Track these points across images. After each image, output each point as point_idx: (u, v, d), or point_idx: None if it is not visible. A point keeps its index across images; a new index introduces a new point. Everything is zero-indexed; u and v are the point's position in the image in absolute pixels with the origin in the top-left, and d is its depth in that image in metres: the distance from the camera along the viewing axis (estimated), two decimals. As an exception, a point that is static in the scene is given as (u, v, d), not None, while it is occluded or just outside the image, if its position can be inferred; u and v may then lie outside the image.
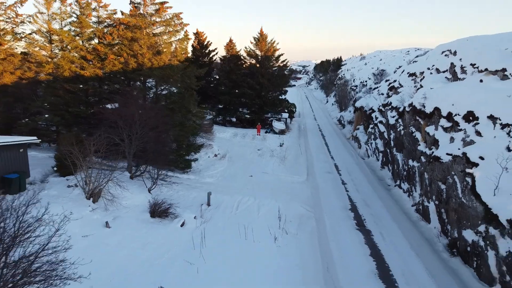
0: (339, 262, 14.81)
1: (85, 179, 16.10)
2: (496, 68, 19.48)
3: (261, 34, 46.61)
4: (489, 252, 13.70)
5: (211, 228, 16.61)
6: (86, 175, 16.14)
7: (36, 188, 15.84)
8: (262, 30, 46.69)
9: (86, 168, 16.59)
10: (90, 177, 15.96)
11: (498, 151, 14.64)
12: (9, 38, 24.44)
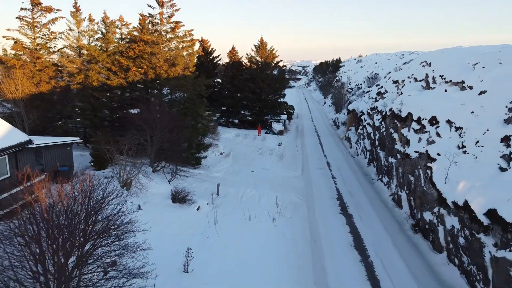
0: (324, 237, 18.65)
1: (120, 171, 19.93)
2: (457, 80, 23.33)
3: (261, 42, 50.48)
4: (439, 227, 17.58)
5: (221, 212, 20.44)
6: (120, 169, 19.97)
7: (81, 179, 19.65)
8: (262, 39, 50.57)
9: (120, 163, 20.43)
10: (124, 170, 19.78)
11: (451, 149, 18.50)
12: (43, 52, 28.27)
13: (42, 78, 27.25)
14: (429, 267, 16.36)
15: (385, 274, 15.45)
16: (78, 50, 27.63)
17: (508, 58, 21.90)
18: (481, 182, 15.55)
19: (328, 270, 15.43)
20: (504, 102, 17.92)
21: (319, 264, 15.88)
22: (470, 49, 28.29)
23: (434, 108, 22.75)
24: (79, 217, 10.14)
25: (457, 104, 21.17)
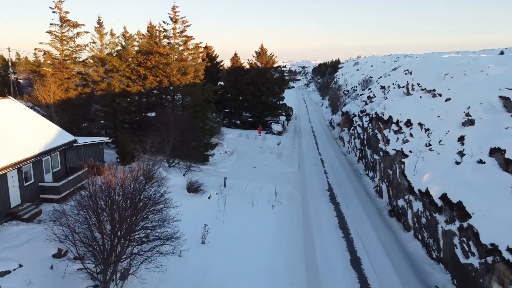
0: (314, 220, 22.50)
1: (144, 166, 23.74)
2: (430, 88, 27.16)
3: (262, 49, 54.35)
4: (408, 211, 21.43)
5: (229, 200, 24.27)
6: (144, 164, 23.79)
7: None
8: (262, 46, 54.46)
9: (143, 158, 24.26)
10: (148, 164, 23.61)
11: (420, 147, 22.35)
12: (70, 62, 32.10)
13: (69, 85, 31.09)
14: (398, 243, 20.22)
15: (362, 247, 19.29)
16: (101, 61, 31.41)
17: (472, 70, 25.71)
18: (440, 173, 19.38)
19: (316, 243, 19.28)
20: (463, 108, 21.74)
21: (309, 239, 19.74)
22: (445, 60, 32.15)
23: (410, 112, 26.60)
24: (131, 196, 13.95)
25: (427, 109, 25.01)
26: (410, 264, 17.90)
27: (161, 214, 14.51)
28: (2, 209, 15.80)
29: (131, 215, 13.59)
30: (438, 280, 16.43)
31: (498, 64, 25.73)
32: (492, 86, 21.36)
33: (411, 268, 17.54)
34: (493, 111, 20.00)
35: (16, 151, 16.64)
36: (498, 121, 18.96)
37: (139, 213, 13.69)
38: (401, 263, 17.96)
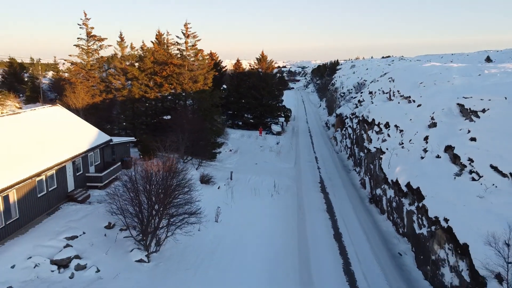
0: (306, 206, 27.08)
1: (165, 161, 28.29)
2: (407, 95, 31.73)
3: (262, 55, 58.98)
4: (384, 197, 26.01)
5: (235, 190, 28.84)
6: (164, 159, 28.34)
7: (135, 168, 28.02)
8: (263, 52, 59.11)
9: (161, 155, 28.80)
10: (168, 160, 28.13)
11: (395, 145, 26.93)
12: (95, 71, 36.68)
13: (95, 92, 35.67)
14: (374, 223, 24.80)
15: (344, 226, 23.87)
16: (122, 70, 35.94)
17: (441, 80, 30.29)
18: (408, 166, 23.96)
19: (306, 222, 23.88)
20: (429, 113, 26.30)
21: (301, 219, 24.34)
22: (423, 69, 36.68)
23: (389, 115, 31.19)
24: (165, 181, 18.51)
25: (403, 113, 29.59)
26: (381, 238, 22.50)
27: (187, 195, 19.09)
28: (63, 193, 20.41)
29: (165, 195, 18.17)
30: (402, 248, 21.02)
31: (463, 75, 30.26)
32: (453, 95, 25.98)
33: (382, 241, 22.13)
34: (452, 115, 24.60)
35: (71, 148, 21.23)
36: (454, 124, 23.56)
37: (172, 194, 18.27)
38: (374, 237, 22.55)
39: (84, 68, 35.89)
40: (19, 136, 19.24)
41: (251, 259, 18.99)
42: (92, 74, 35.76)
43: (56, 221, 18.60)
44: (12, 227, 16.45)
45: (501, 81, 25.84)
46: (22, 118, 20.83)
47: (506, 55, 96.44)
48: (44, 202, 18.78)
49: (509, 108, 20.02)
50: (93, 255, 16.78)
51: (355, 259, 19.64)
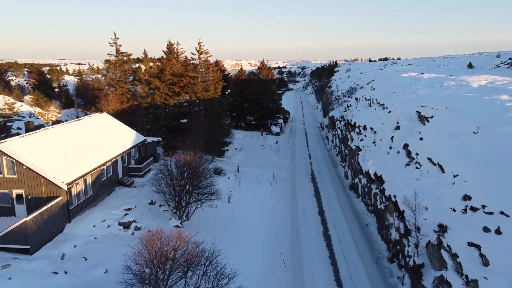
0: (299, 192, 34.01)
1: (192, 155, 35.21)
2: (382, 103, 38.61)
3: (263, 64, 65.94)
4: (359, 185, 32.94)
5: (242, 180, 35.74)
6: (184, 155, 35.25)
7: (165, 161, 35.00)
8: (263, 61, 66.05)
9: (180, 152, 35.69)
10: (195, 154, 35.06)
11: (369, 143, 33.84)
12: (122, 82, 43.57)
13: (123, 99, 42.56)
14: (351, 204, 31.72)
15: (327, 205, 30.78)
16: (146, 81, 42.80)
17: (409, 90, 37.12)
18: (377, 160, 30.85)
19: (298, 204, 30.82)
20: (396, 118, 33.16)
21: (294, 201, 31.29)
22: (399, 79, 43.50)
23: (367, 119, 38.09)
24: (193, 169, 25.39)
25: (377, 117, 36.48)
26: (354, 214, 29.44)
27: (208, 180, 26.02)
28: (115, 179, 27.35)
29: (194, 179, 25.07)
30: (369, 221, 27.94)
31: (426, 87, 37.09)
32: (415, 103, 32.82)
33: (355, 216, 29.07)
34: (411, 120, 31.49)
35: (119, 146, 28.15)
36: (412, 127, 30.42)
37: (199, 178, 25.20)
38: (349, 214, 29.50)
39: (114, 79, 42.80)
40: (87, 136, 26.20)
41: (256, 228, 25.88)
42: (121, 85, 42.66)
43: (114, 199, 25.58)
44: (88, 200, 23.43)
45: (453, 93, 32.70)
46: (84, 123, 27.76)
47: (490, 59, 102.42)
48: (105, 185, 25.75)
49: (447, 116, 26.90)
50: (144, 221, 23.72)
51: (333, 227, 26.59)
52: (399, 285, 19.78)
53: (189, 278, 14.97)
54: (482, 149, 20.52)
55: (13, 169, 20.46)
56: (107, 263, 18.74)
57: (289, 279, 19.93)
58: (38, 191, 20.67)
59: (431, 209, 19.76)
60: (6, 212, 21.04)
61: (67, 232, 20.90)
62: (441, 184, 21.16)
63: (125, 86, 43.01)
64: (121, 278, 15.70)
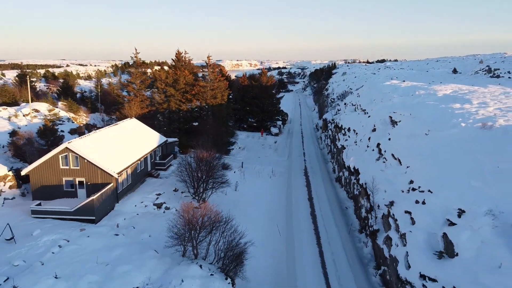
0: (293, 183, 40.96)
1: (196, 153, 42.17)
2: (364, 108, 45.49)
3: (263, 71, 72.85)
4: (342, 177, 39.89)
5: (245, 173, 42.65)
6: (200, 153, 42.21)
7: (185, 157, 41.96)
8: (264, 69, 72.87)
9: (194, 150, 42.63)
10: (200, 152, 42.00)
11: (351, 143, 40.80)
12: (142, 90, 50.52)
13: (142, 105, 49.46)
14: (335, 192, 38.65)
15: (315, 194, 37.71)
16: (162, 89, 49.71)
17: (386, 98, 44.00)
18: (357, 157, 37.77)
19: (292, 193, 37.78)
20: (373, 122, 40.04)
21: (289, 191, 38.24)
22: (381, 87, 50.36)
23: (351, 123, 45.01)
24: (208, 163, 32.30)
25: (359, 121, 43.39)
26: (337, 200, 36.37)
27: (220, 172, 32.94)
28: (146, 171, 34.32)
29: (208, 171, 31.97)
30: (348, 205, 34.86)
31: (401, 95, 43.95)
32: (389, 109, 39.71)
33: (337, 202, 35.99)
34: (385, 124, 38.39)
35: (148, 145, 35.07)
36: (385, 129, 37.32)
37: (213, 170, 32.13)
38: (333, 199, 36.43)
39: (135, 88, 49.73)
40: (124, 137, 33.15)
41: (258, 210, 32.79)
42: (141, 93, 49.61)
43: (146, 186, 32.55)
44: (129, 187, 30.41)
45: (421, 101, 39.57)
46: (120, 127, 34.72)
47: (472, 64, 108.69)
48: (139, 176, 32.71)
49: (410, 121, 33.78)
50: (171, 203, 30.65)
51: (318, 210, 33.54)
52: (364, 248, 26.73)
53: (212, 235, 21.88)
54: (430, 147, 27.45)
55: (77, 162, 27.39)
56: (149, 230, 25.69)
57: (283, 244, 26.88)
58: (95, 179, 27.61)
59: (388, 191, 26.70)
60: (71, 194, 27.97)
61: (117, 209, 27.88)
62: (397, 173, 28.09)
63: (144, 94, 49.96)
64: (161, 240, 22.70)
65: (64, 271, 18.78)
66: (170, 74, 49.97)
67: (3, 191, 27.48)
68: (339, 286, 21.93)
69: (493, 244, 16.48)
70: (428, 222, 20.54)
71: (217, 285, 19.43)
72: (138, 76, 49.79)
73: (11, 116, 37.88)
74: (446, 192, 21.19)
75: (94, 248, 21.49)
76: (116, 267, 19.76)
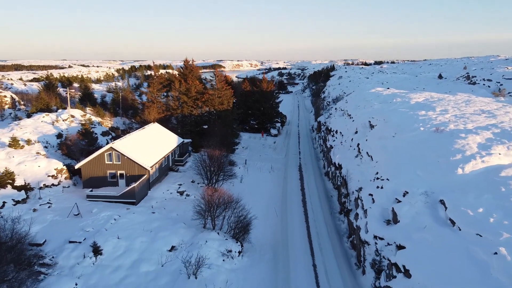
0: (289, 177, 48.78)
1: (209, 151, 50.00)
2: (350, 113, 53.25)
3: (264, 78, 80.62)
4: (330, 171, 47.67)
5: (249, 169, 50.44)
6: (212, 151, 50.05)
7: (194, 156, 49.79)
8: (264, 77, 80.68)
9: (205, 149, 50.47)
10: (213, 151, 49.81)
11: (337, 143, 48.61)
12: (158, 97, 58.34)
13: (159, 110, 57.25)
14: (323, 184, 46.46)
15: (307, 185, 45.50)
16: (176, 97, 57.45)
17: (368, 105, 51.69)
18: (341, 155, 45.54)
19: (288, 184, 45.59)
20: (356, 125, 47.76)
21: (285, 183, 46.08)
22: (365, 94, 58.11)
23: (339, 126, 52.78)
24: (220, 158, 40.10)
25: (345, 124, 51.15)
26: (324, 190, 44.16)
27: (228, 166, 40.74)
28: (168, 166, 42.14)
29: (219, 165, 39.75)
30: (333, 194, 42.67)
31: (380, 102, 51.69)
32: (369, 115, 47.48)
33: (324, 191, 43.79)
34: (365, 127, 46.17)
35: (169, 145, 42.87)
36: (365, 132, 45.09)
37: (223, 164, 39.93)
38: (321, 190, 44.23)
39: (153, 96, 57.55)
40: (151, 138, 40.97)
41: (260, 197, 40.51)
42: (157, 99, 57.41)
43: (170, 178, 40.37)
44: (157, 179, 38.25)
45: (395, 108, 47.32)
46: (147, 130, 42.52)
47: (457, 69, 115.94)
48: (164, 170, 40.52)
49: (383, 125, 41.51)
50: (191, 191, 38.43)
51: (308, 197, 41.31)
52: (341, 224, 34.51)
53: (226, 212, 29.66)
54: (394, 146, 35.16)
55: (118, 158, 35.17)
56: (176, 211, 33.48)
57: (279, 221, 34.67)
58: (133, 171, 35.40)
59: (360, 180, 34.46)
60: (113, 184, 35.74)
61: (150, 195, 35.71)
62: (369, 167, 35.86)
63: (161, 101, 57.78)
64: (186, 217, 30.53)
65: (122, 235, 26.60)
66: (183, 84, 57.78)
67: (61, 181, 35.31)
68: (319, 249, 29.69)
69: (422, 214, 24.25)
70: (383, 201, 28.32)
71: (230, 245, 27.24)
72: (156, 85, 57.61)
73: (54, 121, 45.54)
74: (398, 179, 28.99)
75: (139, 221, 29.31)
76: (157, 233, 27.59)
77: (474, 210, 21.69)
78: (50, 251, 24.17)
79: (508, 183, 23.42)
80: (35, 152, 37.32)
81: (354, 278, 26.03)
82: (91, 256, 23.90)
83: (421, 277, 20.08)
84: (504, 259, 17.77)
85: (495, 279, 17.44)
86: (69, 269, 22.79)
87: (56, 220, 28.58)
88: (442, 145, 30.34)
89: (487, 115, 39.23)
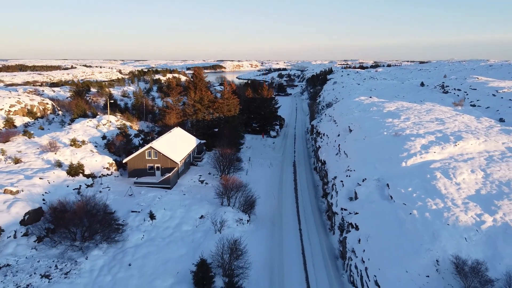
0: (284, 171, 60.49)
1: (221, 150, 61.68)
2: (336, 119, 64.86)
3: (264, 86, 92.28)
4: (317, 166, 59.36)
5: (252, 164, 62.08)
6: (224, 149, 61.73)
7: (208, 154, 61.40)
8: (265, 84, 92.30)
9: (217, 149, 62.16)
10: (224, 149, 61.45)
11: (324, 144, 60.33)
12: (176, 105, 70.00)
13: (178, 116, 68.82)
14: (312, 176, 58.16)
15: (299, 177, 57.19)
16: (191, 105, 68.95)
17: (351, 111, 63.32)
18: (326, 154, 57.26)
19: (283, 177, 57.33)
20: (339, 130, 59.44)
21: (281, 175, 57.80)
22: (349, 103, 69.70)
23: (326, 129, 64.45)
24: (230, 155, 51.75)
25: (330, 128, 62.79)
26: (313, 181, 55.86)
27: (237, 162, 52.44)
28: (190, 162, 53.82)
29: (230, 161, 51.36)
30: (318, 184, 54.37)
31: (360, 110, 63.31)
32: (349, 121, 59.21)
33: (312, 182, 55.50)
34: (346, 131, 57.92)
35: (190, 145, 54.48)
36: (345, 135, 56.86)
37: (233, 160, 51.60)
38: (310, 180, 55.93)
39: (172, 103, 69.13)
40: (177, 139, 52.59)
41: (261, 185, 52.08)
42: (176, 107, 69.00)
43: (192, 171, 52.06)
44: (183, 171, 50.00)
45: (371, 116, 59.01)
46: (173, 133, 54.12)
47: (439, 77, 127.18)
48: (187, 164, 52.21)
49: (358, 129, 53.15)
50: (209, 181, 50.03)
51: (299, 186, 53.00)
52: (323, 205, 46.20)
53: (237, 193, 41.31)
54: (363, 146, 46.81)
55: (156, 155, 46.79)
56: (199, 194, 45.10)
57: (276, 202, 46.33)
58: (166, 164, 46.99)
59: (336, 172, 46.13)
60: (151, 174, 47.35)
61: (179, 183, 47.39)
62: (344, 162, 47.52)
63: (178, 108, 69.44)
64: (207, 197, 42.22)
65: (167, 207, 38.26)
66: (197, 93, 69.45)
67: (112, 172, 46.98)
68: (305, 220, 41.35)
69: (373, 193, 35.77)
70: (349, 185, 39.97)
71: (241, 216, 38.89)
72: (175, 95, 69.31)
73: (96, 125, 57.07)
74: (361, 170, 40.60)
75: (176, 199, 40.96)
76: (190, 207, 39.25)
77: (406, 189, 33.07)
78: (121, 217, 35.82)
79: (433, 172, 34.92)
80: (89, 150, 48.94)
81: (327, 237, 37.74)
82: (148, 220, 35.54)
83: (365, 229, 31.70)
84: (413, 217, 29.30)
85: (406, 228, 28.99)
86: (136, 227, 34.44)
87: (117, 198, 40.22)
88: (396, 146, 41.90)
89: (439, 122, 50.69)
